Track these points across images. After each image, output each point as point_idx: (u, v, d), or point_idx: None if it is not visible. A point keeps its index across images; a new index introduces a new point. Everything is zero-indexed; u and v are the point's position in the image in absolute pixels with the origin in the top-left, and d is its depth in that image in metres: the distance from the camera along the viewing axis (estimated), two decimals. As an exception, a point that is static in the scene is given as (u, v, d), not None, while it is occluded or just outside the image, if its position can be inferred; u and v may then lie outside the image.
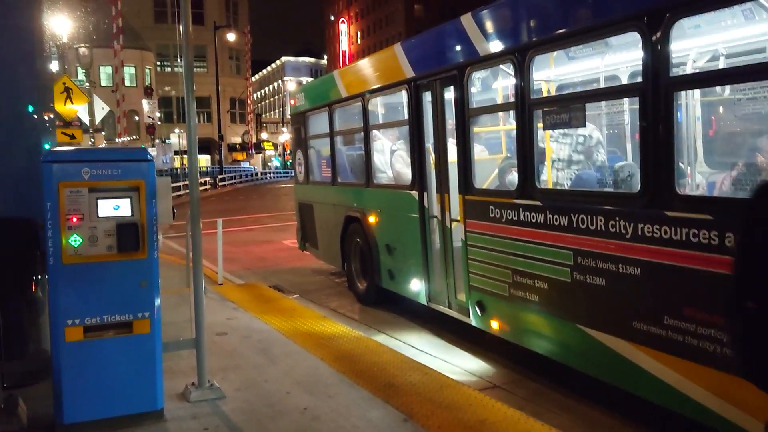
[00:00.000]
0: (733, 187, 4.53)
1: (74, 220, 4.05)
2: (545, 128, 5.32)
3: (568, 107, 4.94)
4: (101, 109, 20.27)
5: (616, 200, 4.70)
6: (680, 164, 4.40)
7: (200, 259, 4.78)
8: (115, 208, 4.13)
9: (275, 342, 6.40)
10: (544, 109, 5.22)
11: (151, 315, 4.25)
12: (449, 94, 6.67)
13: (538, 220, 5.32)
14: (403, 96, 7.80)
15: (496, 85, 6.97)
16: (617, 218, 4.53)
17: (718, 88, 5.01)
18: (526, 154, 5.44)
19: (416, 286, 7.58)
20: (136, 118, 50.12)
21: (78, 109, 17.12)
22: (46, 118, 5.54)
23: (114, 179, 4.10)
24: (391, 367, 5.59)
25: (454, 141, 6.71)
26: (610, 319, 4.72)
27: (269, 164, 77.71)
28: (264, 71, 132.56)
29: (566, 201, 5.08)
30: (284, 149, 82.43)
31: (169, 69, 59.61)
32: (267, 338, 6.56)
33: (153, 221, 4.22)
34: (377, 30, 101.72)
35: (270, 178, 63.37)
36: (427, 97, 7.11)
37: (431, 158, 7.21)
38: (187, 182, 32.91)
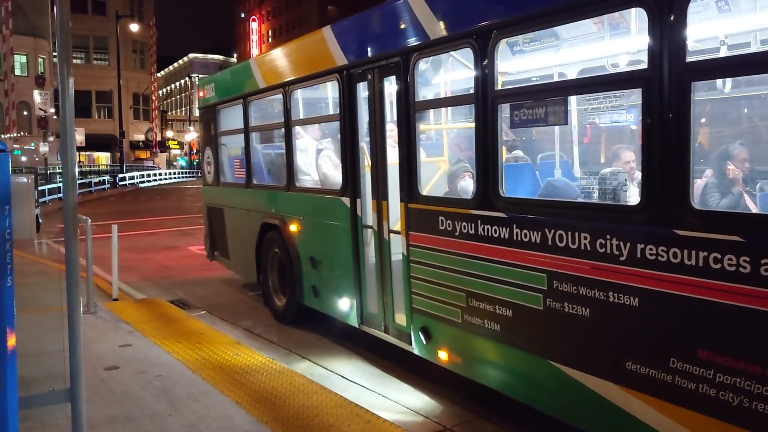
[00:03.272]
0: None
1: None
2: (514, 126, 4.46)
3: (545, 100, 4.09)
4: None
5: (607, 214, 3.88)
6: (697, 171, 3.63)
7: (76, 286, 3.59)
8: (-54, 218, 2.94)
9: (179, 379, 5.25)
10: (513, 103, 4.36)
11: (2, 367, 3.06)
12: (390, 85, 5.74)
13: (502, 235, 4.45)
14: (332, 87, 6.80)
15: (449, 74, 6.07)
16: (608, 236, 3.70)
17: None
18: (489, 156, 4.56)
19: (345, 305, 6.59)
20: (26, 113, 46.53)
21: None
22: None
23: (-55, 178, 2.91)
24: (325, 413, 4.57)
25: (395, 140, 5.78)
26: (595, 357, 3.89)
27: (174, 163, 74.57)
28: (171, 67, 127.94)
29: (539, 213, 4.23)
30: (191, 148, 79.48)
31: (66, 60, 55.83)
32: (169, 374, 5.39)
33: (6, 236, 3.04)
34: (290, 30, 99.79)
35: (176, 177, 60.62)
36: (363, 88, 6.14)
37: (366, 160, 6.24)
38: (84, 181, 30.61)
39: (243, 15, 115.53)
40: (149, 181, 50.73)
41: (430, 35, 5.08)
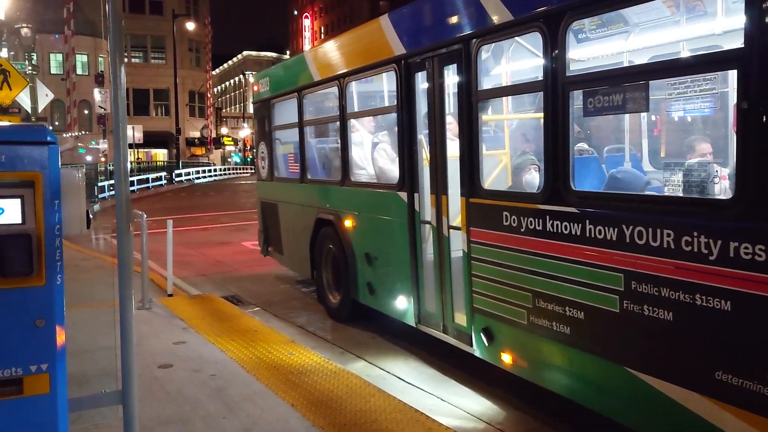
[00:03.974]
0: None
1: (-68, 230, 2.74)
2: (587, 114, 4.15)
3: (624, 85, 3.76)
4: (45, 96, 18.57)
5: (694, 209, 3.54)
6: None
7: (129, 282, 3.45)
8: (-4, 212, 2.82)
9: (233, 379, 5.11)
10: (587, 90, 4.04)
11: (52, 367, 2.93)
12: (451, 73, 5.47)
13: (574, 232, 4.15)
14: (389, 78, 6.58)
15: (513, 62, 5.77)
16: (696, 233, 3.38)
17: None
18: (558, 147, 4.26)
19: (402, 304, 6.37)
20: (86, 111, 47.76)
21: (17, 94, 15.52)
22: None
23: (-6, 169, 2.78)
24: (384, 417, 4.35)
25: (455, 132, 5.53)
26: (679, 366, 3.57)
27: (228, 160, 75.64)
28: (225, 65, 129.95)
29: (616, 208, 3.91)
30: (245, 145, 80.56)
31: (125, 60, 57.24)
32: (223, 373, 5.26)
33: (56, 232, 2.91)
34: (341, 25, 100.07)
35: (230, 173, 61.49)
36: (422, 78, 5.89)
37: (424, 153, 6.00)
38: (141, 177, 31.22)
39: (296, 12, 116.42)
40: (204, 177, 51.54)
41: (494, 20, 4.80)
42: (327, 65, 7.75)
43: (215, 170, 57.00)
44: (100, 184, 28.87)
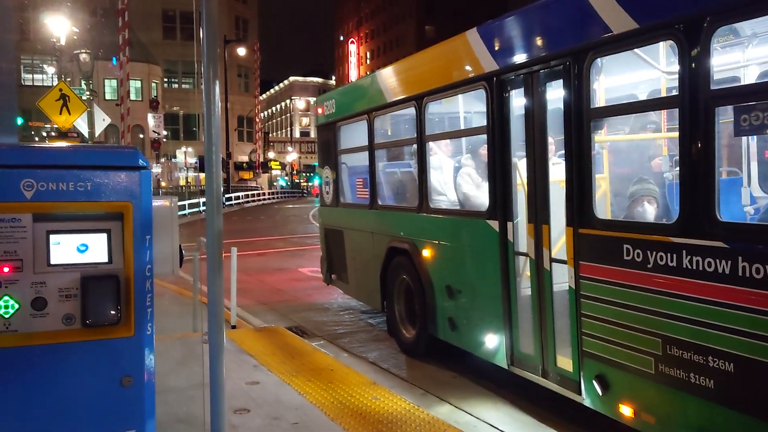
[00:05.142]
0: None
1: (5, 270, 2.32)
2: (739, 134, 3.58)
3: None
4: (102, 121, 18.69)
5: None
6: None
7: (221, 337, 2.99)
8: (79, 249, 2.39)
9: (318, 429, 4.59)
10: (740, 105, 3.47)
11: (140, 433, 2.47)
12: (555, 90, 4.95)
13: (722, 270, 3.56)
14: (477, 97, 6.08)
15: (631, 75, 5.23)
16: None
17: None
18: (699, 171, 3.69)
19: (491, 343, 5.80)
20: (141, 135, 48.54)
21: (76, 119, 15.56)
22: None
23: (79, 199, 2.35)
24: (495, 481, 3.79)
25: (560, 154, 5.00)
26: None
27: (274, 184, 76.10)
28: (271, 90, 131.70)
29: (782, 243, 3.33)
30: (292, 168, 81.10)
31: (176, 85, 58.22)
32: (306, 421, 4.75)
33: (146, 272, 2.47)
34: (387, 51, 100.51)
35: (278, 197, 61.76)
36: (518, 95, 5.39)
37: (519, 177, 5.47)
38: (192, 201, 31.27)
39: (342, 38, 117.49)
40: (253, 200, 51.78)
41: (613, 29, 4.27)
42: (402, 85, 7.31)
43: (263, 194, 57.31)
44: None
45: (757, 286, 3.38)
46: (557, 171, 5.06)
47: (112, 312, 2.38)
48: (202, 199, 39.19)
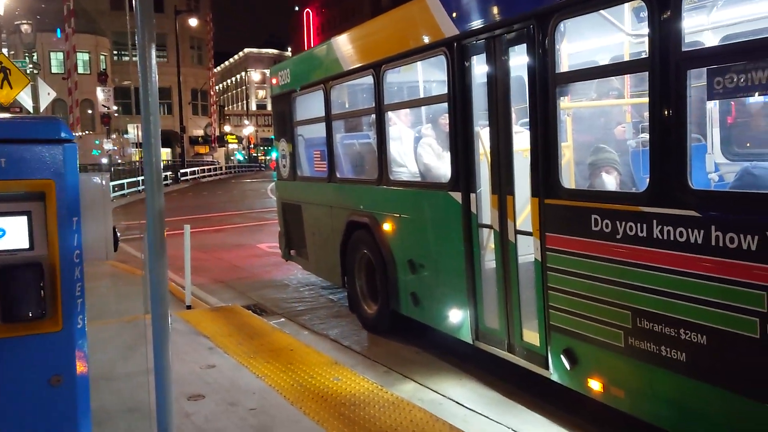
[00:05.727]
0: None
1: None
2: (713, 97, 3.42)
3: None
4: (47, 95, 17.90)
5: None
6: None
7: (165, 320, 2.74)
8: (-4, 234, 2.10)
9: (277, 414, 4.39)
10: (714, 67, 3.31)
11: (73, 438, 2.22)
12: (519, 55, 4.74)
13: (694, 240, 3.43)
14: (437, 64, 5.85)
15: (596, 39, 5.04)
16: None
17: None
18: (671, 137, 3.54)
19: (455, 317, 5.65)
20: (90, 111, 47.05)
21: (18, 93, 14.84)
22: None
23: (-7, 178, 2.07)
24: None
25: (524, 122, 4.82)
26: None
27: (232, 158, 74.90)
28: (226, 63, 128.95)
29: (758, 211, 3.20)
30: (249, 142, 79.88)
31: (126, 58, 56.45)
32: (264, 406, 4.53)
33: (74, 259, 2.19)
34: (343, 21, 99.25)
35: (235, 172, 60.81)
36: (480, 62, 5.17)
37: (482, 147, 5.28)
38: (133, 179, 30.31)
39: (297, 8, 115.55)
40: (209, 175, 50.87)
41: (579, -11, 4.07)
42: (359, 53, 7.02)
43: (220, 169, 56.34)
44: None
45: (730, 256, 3.26)
46: (521, 140, 4.88)
47: (36, 304, 2.11)
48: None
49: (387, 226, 6.61)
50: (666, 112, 3.54)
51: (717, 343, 3.39)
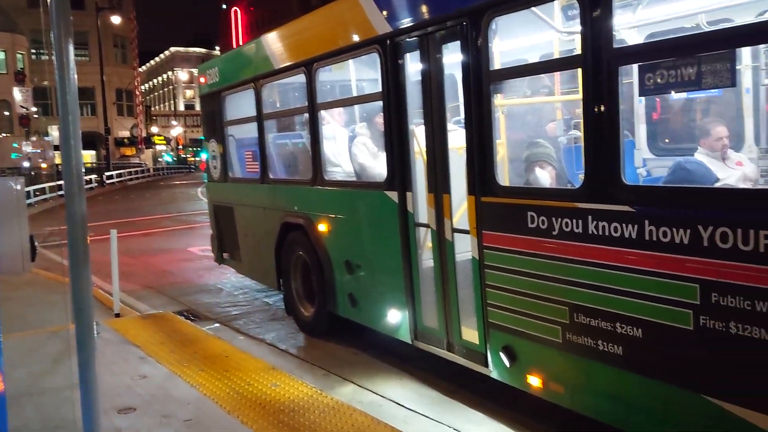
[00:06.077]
0: None
1: None
2: (645, 93, 3.47)
3: (702, 55, 3.09)
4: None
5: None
6: None
7: (90, 329, 2.58)
8: None
9: (213, 425, 4.24)
10: (646, 63, 3.36)
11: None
12: (453, 53, 4.73)
13: (629, 235, 3.48)
14: (371, 61, 5.80)
15: (529, 37, 5.06)
16: (809, 234, 2.74)
17: None
18: (604, 133, 3.57)
19: (394, 318, 5.61)
20: (7, 113, 44.98)
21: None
22: None
23: None
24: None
25: (459, 119, 4.81)
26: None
27: (159, 160, 72.98)
28: (152, 62, 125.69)
29: (690, 205, 3.26)
30: (177, 143, 78.06)
31: (45, 57, 54.21)
32: (200, 417, 4.37)
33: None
34: (272, 21, 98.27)
35: (164, 174, 59.29)
36: (413, 59, 5.14)
37: (418, 145, 5.25)
38: (56, 183, 29.06)
39: (225, 6, 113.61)
40: (136, 178, 49.43)
41: (511, -13, 4.07)
42: (290, 50, 6.90)
43: (148, 171, 54.83)
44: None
45: (664, 250, 3.31)
46: (457, 138, 4.87)
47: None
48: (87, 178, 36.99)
49: (322, 227, 6.51)
50: (599, 109, 3.57)
51: (653, 336, 3.44)
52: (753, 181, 4.62)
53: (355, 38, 5.72)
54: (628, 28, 4.72)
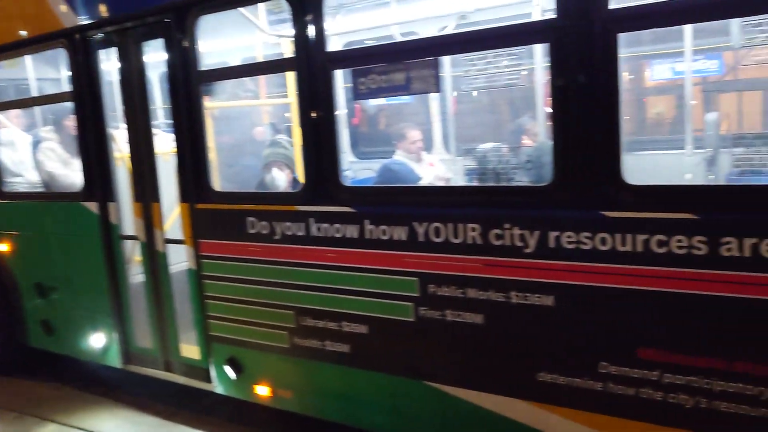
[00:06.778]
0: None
1: None
2: (359, 97, 3.55)
3: (410, 62, 3.26)
4: None
5: (508, 198, 3.20)
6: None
7: None
8: None
9: None
10: (359, 68, 3.45)
11: None
12: (157, 51, 4.40)
13: (350, 235, 3.56)
14: (57, 58, 5.17)
15: (242, 37, 4.88)
16: (509, 225, 3.06)
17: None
18: (322, 136, 3.60)
19: (99, 342, 5.07)
20: None
21: None
22: None
23: None
24: None
25: (166, 122, 4.51)
26: (496, 372, 3.24)
27: None
28: None
29: (405, 203, 3.43)
30: None
31: None
32: None
33: None
34: None
35: None
36: (110, 57, 4.68)
37: (120, 151, 4.80)
38: None
39: None
40: None
41: (219, -17, 3.91)
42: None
43: None
44: None
45: (384, 247, 3.44)
46: (165, 142, 4.55)
47: None
48: None
49: (4, 247, 5.62)
50: (315, 112, 3.59)
51: (377, 330, 3.56)
52: (446, 180, 5.10)
53: (37, 31, 5.03)
54: (346, 32, 4.85)
